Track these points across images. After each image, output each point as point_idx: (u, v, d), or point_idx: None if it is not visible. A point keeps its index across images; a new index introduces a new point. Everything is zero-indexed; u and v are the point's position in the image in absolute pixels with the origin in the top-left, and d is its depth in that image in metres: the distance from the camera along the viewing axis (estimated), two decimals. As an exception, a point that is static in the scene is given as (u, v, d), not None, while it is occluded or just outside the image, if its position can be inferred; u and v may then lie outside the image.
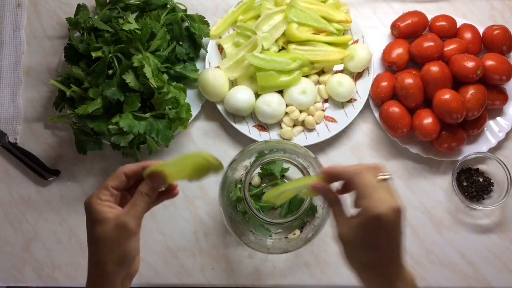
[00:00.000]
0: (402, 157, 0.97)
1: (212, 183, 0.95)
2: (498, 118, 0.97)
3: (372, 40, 1.01)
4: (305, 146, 0.85)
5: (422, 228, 0.93)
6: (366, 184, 0.57)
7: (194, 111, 0.96)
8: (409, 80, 0.92)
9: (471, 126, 0.93)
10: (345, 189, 0.62)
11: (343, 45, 0.99)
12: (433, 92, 0.92)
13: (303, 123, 0.96)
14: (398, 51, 0.96)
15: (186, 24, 0.98)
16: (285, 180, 0.91)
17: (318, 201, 0.82)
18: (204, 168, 0.63)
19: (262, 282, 0.91)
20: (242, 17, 1.00)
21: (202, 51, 1.00)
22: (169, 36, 0.93)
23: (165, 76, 0.89)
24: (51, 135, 0.99)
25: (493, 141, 0.95)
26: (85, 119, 0.88)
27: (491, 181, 0.94)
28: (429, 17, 0.99)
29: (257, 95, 0.97)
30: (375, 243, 0.56)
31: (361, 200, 0.57)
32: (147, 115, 0.89)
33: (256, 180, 0.90)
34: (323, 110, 0.97)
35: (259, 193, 0.88)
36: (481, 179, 0.95)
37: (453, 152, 0.94)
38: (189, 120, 0.94)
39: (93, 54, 0.88)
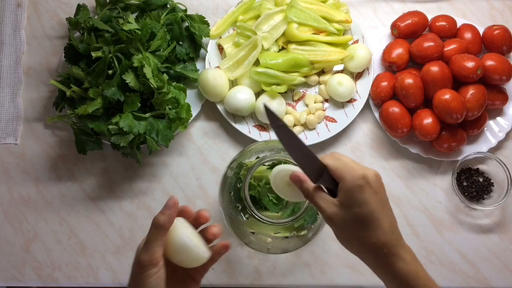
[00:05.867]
0: (402, 157, 0.97)
1: (212, 183, 0.95)
2: (498, 118, 0.97)
3: (372, 40, 1.01)
4: (305, 146, 0.85)
5: (422, 228, 0.93)
6: (342, 157, 0.60)
7: (194, 111, 0.96)
8: (409, 80, 0.92)
9: (471, 126, 0.93)
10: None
11: (343, 45, 0.99)
12: (433, 92, 0.92)
13: (303, 123, 0.96)
14: (398, 51, 0.96)
15: (186, 24, 0.98)
16: None
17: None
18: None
19: (262, 282, 0.91)
20: (242, 17, 1.00)
21: (202, 51, 1.00)
22: (169, 36, 0.93)
23: (165, 76, 0.89)
24: (51, 135, 0.99)
25: (493, 141, 0.95)
26: (85, 119, 0.88)
27: (491, 181, 0.94)
28: (429, 17, 1.00)
29: (257, 95, 0.97)
30: (361, 210, 0.57)
31: (338, 174, 0.59)
32: (147, 115, 0.89)
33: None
34: (323, 110, 0.97)
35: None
36: (481, 179, 0.95)
37: (453, 152, 0.94)
38: (189, 120, 0.94)
39: (93, 54, 0.88)
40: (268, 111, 0.59)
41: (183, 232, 0.61)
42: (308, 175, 0.61)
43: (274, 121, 0.59)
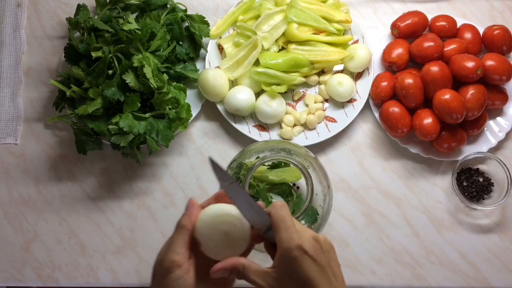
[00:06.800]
0: (402, 157, 0.97)
1: (212, 183, 0.95)
2: (498, 118, 0.97)
3: (372, 40, 1.01)
4: (305, 146, 0.85)
5: (422, 228, 0.93)
6: (284, 218, 0.57)
7: (194, 111, 0.96)
8: (409, 80, 0.92)
9: (471, 126, 0.93)
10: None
11: (343, 45, 0.99)
12: (433, 92, 0.92)
13: (303, 123, 0.96)
14: (398, 51, 0.96)
15: (186, 24, 0.98)
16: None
17: (318, 202, 0.82)
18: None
19: (262, 282, 0.91)
20: (242, 17, 1.00)
21: (202, 51, 1.00)
22: (169, 36, 0.93)
23: (165, 76, 0.89)
24: (51, 135, 0.99)
25: (493, 141, 0.95)
26: (85, 119, 0.88)
27: (491, 181, 0.94)
28: (429, 17, 1.00)
29: (257, 95, 0.97)
30: (299, 283, 0.54)
31: (277, 237, 0.56)
32: (147, 115, 0.89)
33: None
34: (323, 110, 0.97)
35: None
36: (481, 179, 0.95)
37: (453, 152, 0.94)
38: (189, 120, 0.94)
39: (93, 54, 0.88)
40: (215, 166, 0.58)
41: (216, 208, 0.58)
42: (257, 228, 0.59)
43: (222, 179, 0.58)
